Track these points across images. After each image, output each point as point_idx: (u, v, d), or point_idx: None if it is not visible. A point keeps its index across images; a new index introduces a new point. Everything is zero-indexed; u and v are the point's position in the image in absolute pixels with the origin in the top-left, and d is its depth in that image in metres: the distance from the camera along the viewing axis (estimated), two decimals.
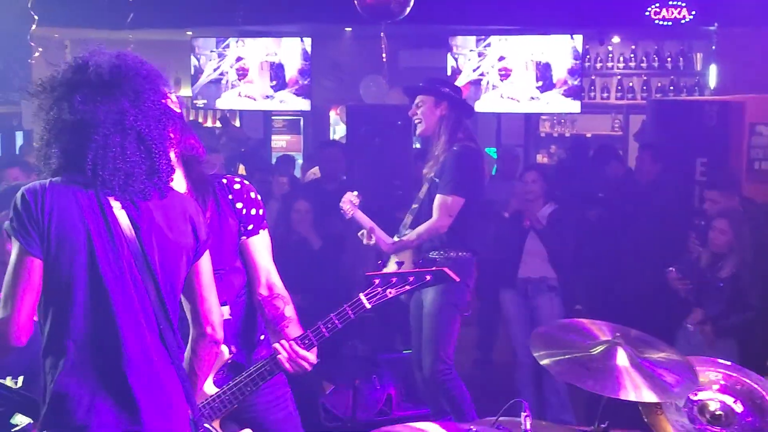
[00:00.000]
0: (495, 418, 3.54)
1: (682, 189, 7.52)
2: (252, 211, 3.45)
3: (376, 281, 3.42)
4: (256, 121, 11.92)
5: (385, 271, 3.55)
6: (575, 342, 3.58)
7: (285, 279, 3.56)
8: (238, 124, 12.38)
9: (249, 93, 10.92)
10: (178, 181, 3.08)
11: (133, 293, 2.70)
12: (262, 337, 3.59)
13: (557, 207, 6.55)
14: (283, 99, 10.85)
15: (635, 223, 7.03)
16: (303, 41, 10.76)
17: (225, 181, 3.46)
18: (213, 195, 3.37)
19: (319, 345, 3.41)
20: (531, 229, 6.50)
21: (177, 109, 2.99)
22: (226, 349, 3.27)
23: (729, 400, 3.65)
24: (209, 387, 3.32)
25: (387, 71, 9.66)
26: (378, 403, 6.29)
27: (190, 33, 11.29)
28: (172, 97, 2.94)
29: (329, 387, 6.32)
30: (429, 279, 3.45)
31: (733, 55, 9.77)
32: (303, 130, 12.99)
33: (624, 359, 3.42)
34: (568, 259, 6.54)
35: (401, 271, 3.50)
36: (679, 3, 9.72)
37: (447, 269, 3.49)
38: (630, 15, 10.06)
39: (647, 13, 9.85)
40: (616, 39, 11.73)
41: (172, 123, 2.84)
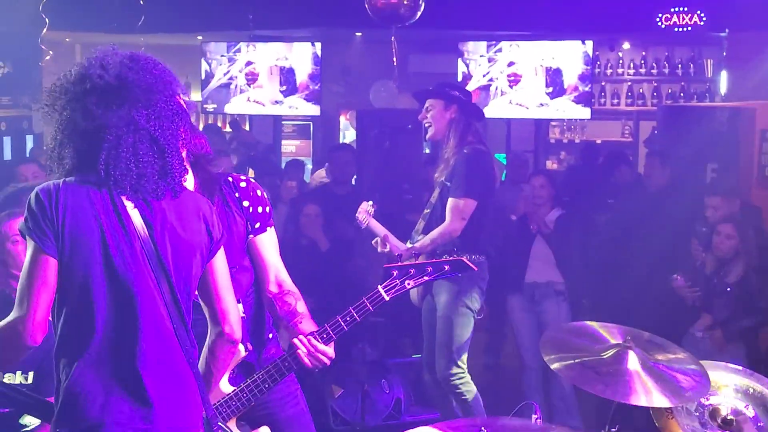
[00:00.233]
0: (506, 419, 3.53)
1: (692, 195, 7.49)
2: (259, 209, 3.45)
3: (394, 273, 3.39)
4: (266, 126, 11.94)
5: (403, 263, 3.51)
6: (586, 346, 3.56)
7: (294, 282, 3.55)
8: (248, 128, 12.40)
9: (258, 98, 10.92)
10: (186, 180, 3.09)
11: (147, 292, 2.70)
12: (270, 336, 3.59)
13: (565, 212, 6.56)
14: (293, 104, 10.84)
15: (644, 229, 7.00)
16: (314, 46, 10.76)
17: (231, 180, 3.46)
18: (220, 193, 3.37)
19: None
20: (538, 234, 6.49)
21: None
22: (242, 348, 3.27)
23: (740, 404, 3.64)
24: (225, 386, 3.31)
25: (397, 76, 9.65)
26: (387, 408, 6.30)
27: (200, 37, 11.32)
28: (183, 98, 2.94)
29: (338, 391, 6.32)
30: (447, 269, 3.43)
31: (744, 62, 9.74)
32: (313, 135, 13.01)
33: (635, 363, 3.41)
34: (575, 264, 6.53)
35: (419, 262, 3.49)
36: (690, 9, 9.70)
37: (465, 258, 3.48)
38: (640, 21, 10.05)
39: (658, 20, 9.83)
40: (626, 45, 11.73)
41: (183, 123, 2.84)
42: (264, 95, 10.90)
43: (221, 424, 3.13)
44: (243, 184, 3.47)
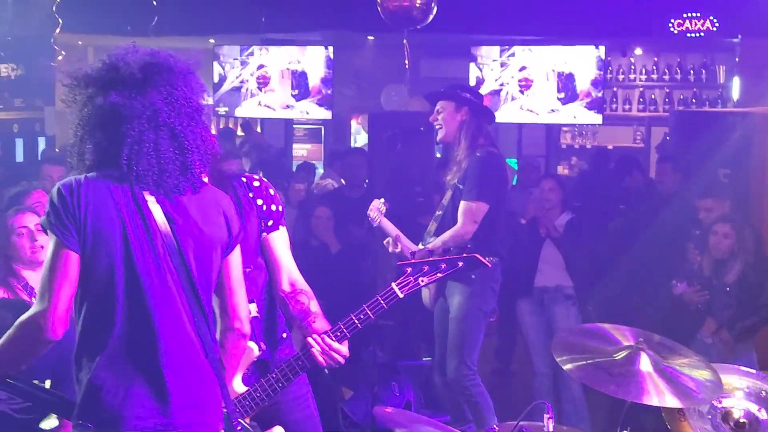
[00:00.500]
0: (517, 420, 3.52)
1: None
2: (272, 207, 3.46)
3: (407, 270, 3.39)
4: (277, 130, 11.94)
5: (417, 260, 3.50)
6: (598, 347, 3.57)
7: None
8: (259, 131, 12.41)
9: (268, 102, 10.89)
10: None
11: (168, 287, 2.72)
12: (284, 335, 3.59)
13: (574, 216, 6.55)
14: (305, 109, 10.82)
15: (655, 234, 6.98)
16: (327, 49, 10.74)
17: (244, 180, 3.48)
18: (233, 192, 3.38)
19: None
20: (547, 237, 6.48)
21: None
22: (255, 347, 3.27)
23: (753, 407, 3.64)
24: (238, 386, 3.30)
25: (408, 80, 9.66)
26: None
27: (212, 41, 11.34)
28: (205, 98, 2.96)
29: (349, 393, 6.32)
30: (461, 265, 3.42)
31: (757, 68, 9.70)
32: (324, 139, 13.01)
33: (647, 364, 3.41)
34: (584, 268, 6.51)
35: (433, 259, 3.48)
36: (703, 15, 9.67)
37: (479, 255, 3.47)
38: (653, 26, 10.02)
39: (670, 25, 9.81)
40: (638, 51, 11.71)
41: (203, 119, 2.86)
42: (275, 99, 10.88)
43: (241, 420, 3.13)
44: (256, 183, 3.48)
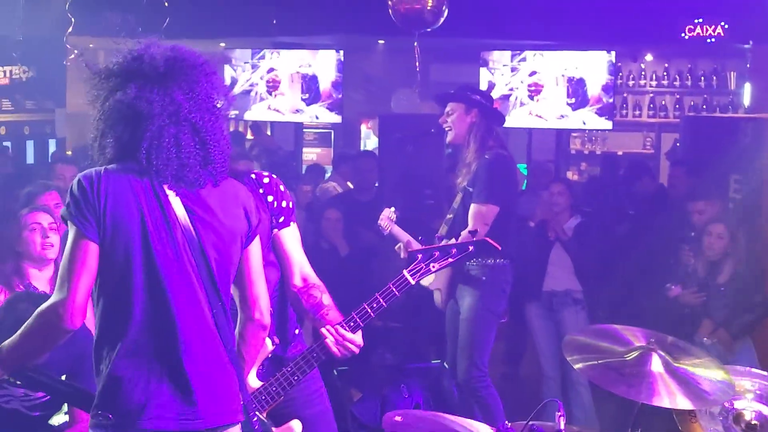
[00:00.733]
0: (528, 418, 3.51)
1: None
2: (283, 203, 3.47)
3: (419, 257, 3.41)
4: (287, 133, 11.93)
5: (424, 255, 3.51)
6: (609, 347, 3.56)
7: None
8: (269, 134, 12.40)
9: (277, 107, 10.85)
10: None
11: (188, 278, 2.74)
12: (297, 332, 3.61)
13: (583, 220, 6.54)
14: (315, 113, 10.77)
15: (664, 239, 6.97)
16: (338, 53, 10.72)
17: (254, 177, 3.49)
18: None
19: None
20: (556, 241, 6.47)
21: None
22: (269, 342, 3.27)
23: (765, 409, 3.62)
24: (253, 381, 3.31)
25: (419, 84, 9.65)
26: None
27: (223, 44, 11.35)
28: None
29: (357, 395, 6.31)
30: (472, 249, 3.45)
31: None
32: (334, 143, 13.00)
33: (658, 365, 3.40)
34: (593, 272, 6.50)
35: (443, 245, 3.50)
36: (714, 21, 9.66)
37: (489, 239, 3.47)
38: (663, 32, 10.01)
39: (681, 32, 9.79)
40: (648, 57, 11.70)
41: (224, 114, 2.87)
42: (284, 103, 10.84)
43: (257, 413, 3.14)
44: (266, 180, 3.50)
